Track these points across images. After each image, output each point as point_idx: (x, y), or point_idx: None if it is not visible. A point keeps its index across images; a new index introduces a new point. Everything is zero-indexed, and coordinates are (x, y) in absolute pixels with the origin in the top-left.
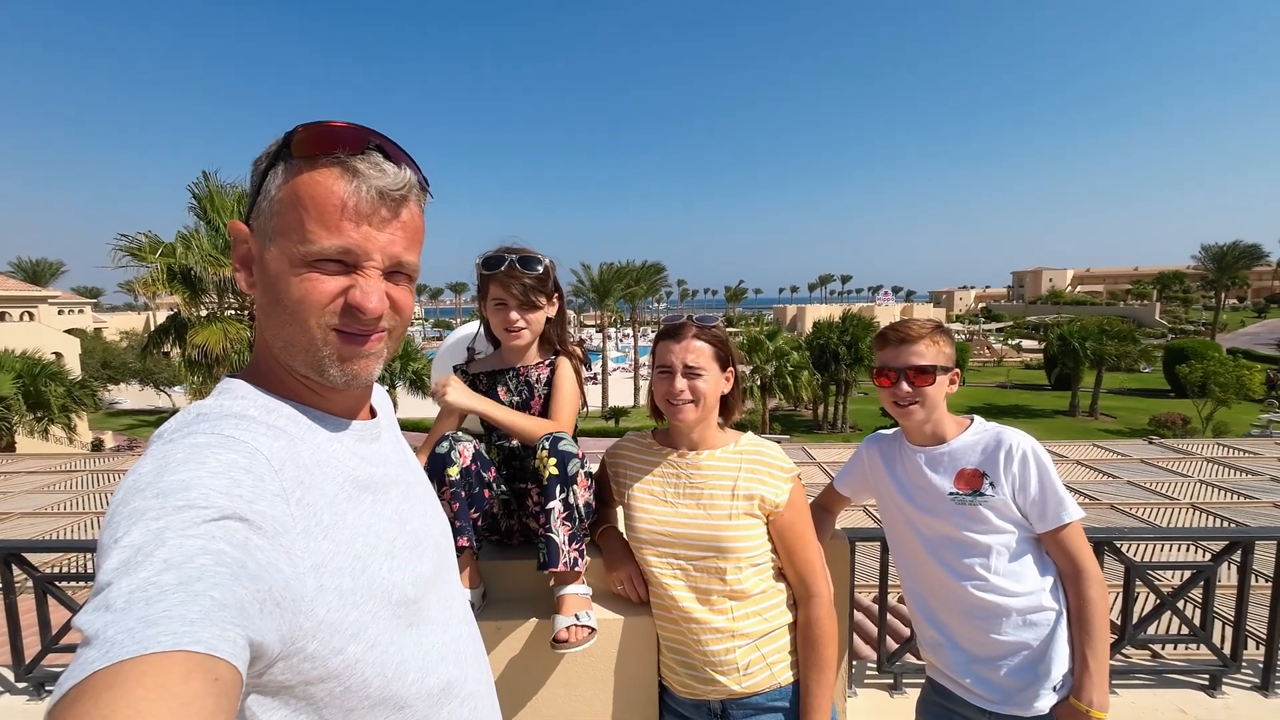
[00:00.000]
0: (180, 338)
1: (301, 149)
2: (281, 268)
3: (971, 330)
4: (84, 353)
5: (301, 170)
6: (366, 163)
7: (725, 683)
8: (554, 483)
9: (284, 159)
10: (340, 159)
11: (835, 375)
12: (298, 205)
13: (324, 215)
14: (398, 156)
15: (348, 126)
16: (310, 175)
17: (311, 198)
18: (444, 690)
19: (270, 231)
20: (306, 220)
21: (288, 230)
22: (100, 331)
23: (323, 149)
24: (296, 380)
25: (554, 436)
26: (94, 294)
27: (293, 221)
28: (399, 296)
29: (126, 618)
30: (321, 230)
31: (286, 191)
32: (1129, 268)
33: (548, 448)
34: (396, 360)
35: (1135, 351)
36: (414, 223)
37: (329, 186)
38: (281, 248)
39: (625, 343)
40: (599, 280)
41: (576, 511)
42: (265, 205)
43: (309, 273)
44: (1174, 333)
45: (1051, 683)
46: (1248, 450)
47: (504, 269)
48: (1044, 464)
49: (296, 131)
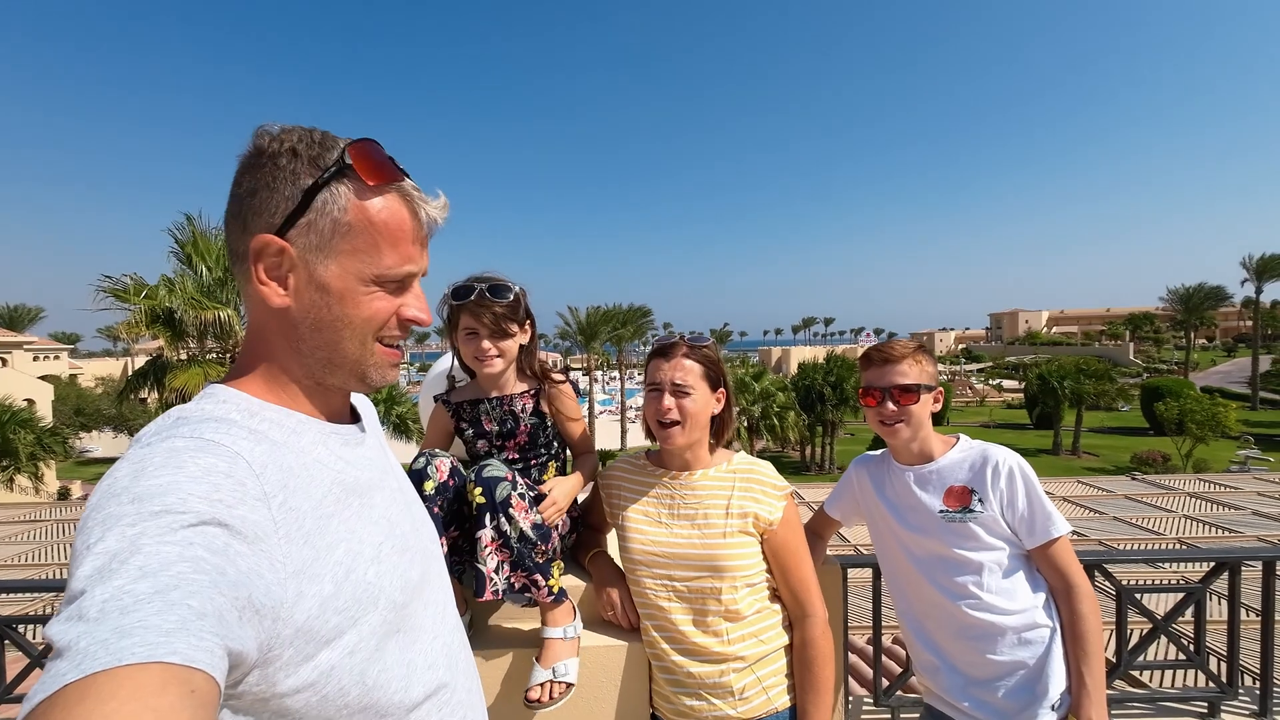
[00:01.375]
0: (159, 381)
1: (375, 176)
2: (347, 286)
3: (953, 371)
4: (57, 399)
5: (370, 195)
6: (415, 190)
7: (721, 707)
8: (482, 511)
9: (348, 181)
10: (403, 189)
11: (821, 416)
12: (371, 230)
13: (397, 241)
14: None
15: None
16: (383, 201)
17: (385, 224)
18: (429, 698)
19: (332, 249)
20: (381, 244)
21: (357, 251)
22: (75, 378)
23: (392, 178)
24: (283, 385)
25: (480, 465)
26: (71, 340)
27: (364, 244)
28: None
29: (100, 628)
30: (394, 254)
31: (357, 215)
32: (1101, 309)
33: (473, 479)
34: (380, 403)
35: (1113, 390)
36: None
37: (401, 215)
38: (347, 267)
39: (612, 385)
40: (585, 323)
41: (512, 539)
42: (324, 223)
43: (377, 291)
44: (1148, 371)
45: (1049, 701)
46: (1229, 485)
47: (474, 298)
48: (1030, 480)
49: (357, 155)
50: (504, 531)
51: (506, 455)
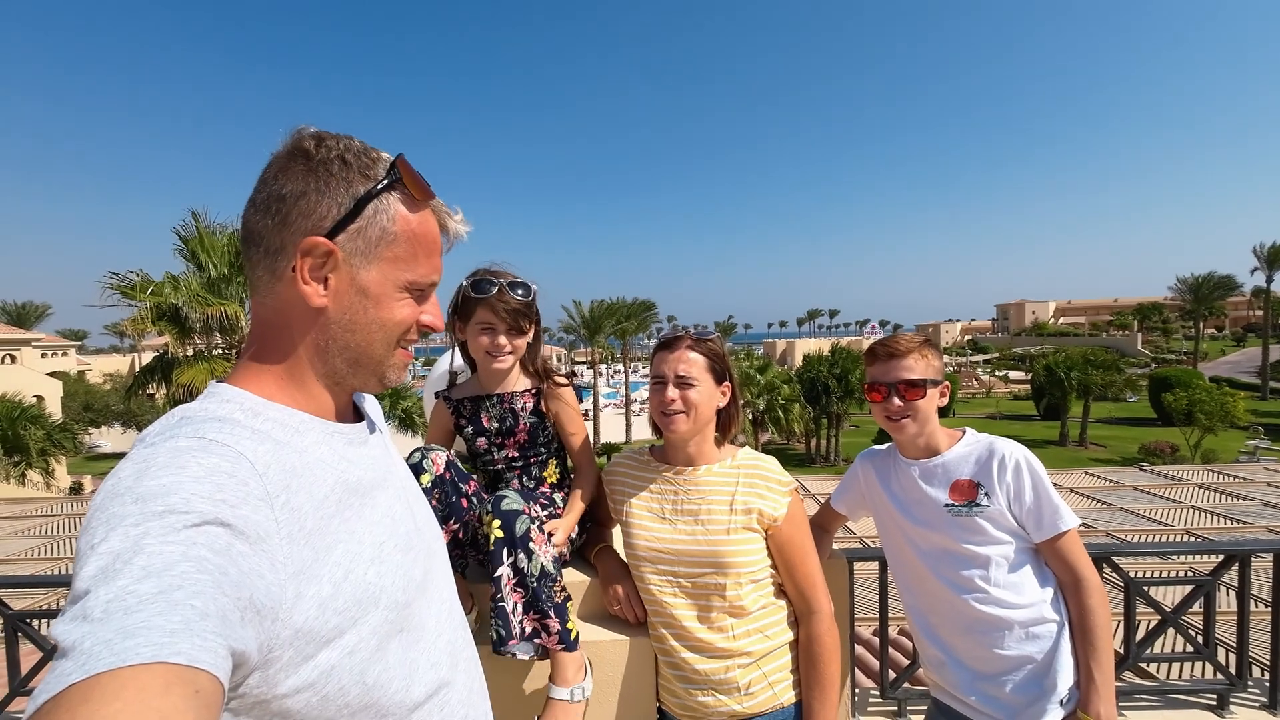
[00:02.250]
0: (166, 377)
1: (421, 193)
2: (385, 291)
3: (959, 362)
4: (66, 395)
5: (416, 209)
6: (445, 209)
7: (727, 703)
8: (500, 546)
9: (398, 194)
10: (436, 205)
11: (826, 408)
12: (413, 240)
13: (431, 253)
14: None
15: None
16: (425, 217)
17: (424, 236)
18: (431, 698)
19: (376, 256)
20: (419, 254)
21: (399, 259)
22: (84, 374)
23: (429, 195)
24: (285, 383)
25: (497, 495)
26: (79, 336)
27: (406, 253)
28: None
29: (104, 628)
30: (427, 265)
31: (404, 227)
32: (1109, 299)
33: (490, 509)
34: (385, 398)
35: (1120, 381)
36: None
37: (435, 229)
38: (386, 273)
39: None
40: (590, 317)
41: (530, 577)
42: (373, 231)
43: (407, 297)
44: (1156, 362)
45: (1058, 696)
46: (1237, 476)
47: (495, 293)
48: (1038, 473)
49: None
50: (520, 569)
51: (506, 453)
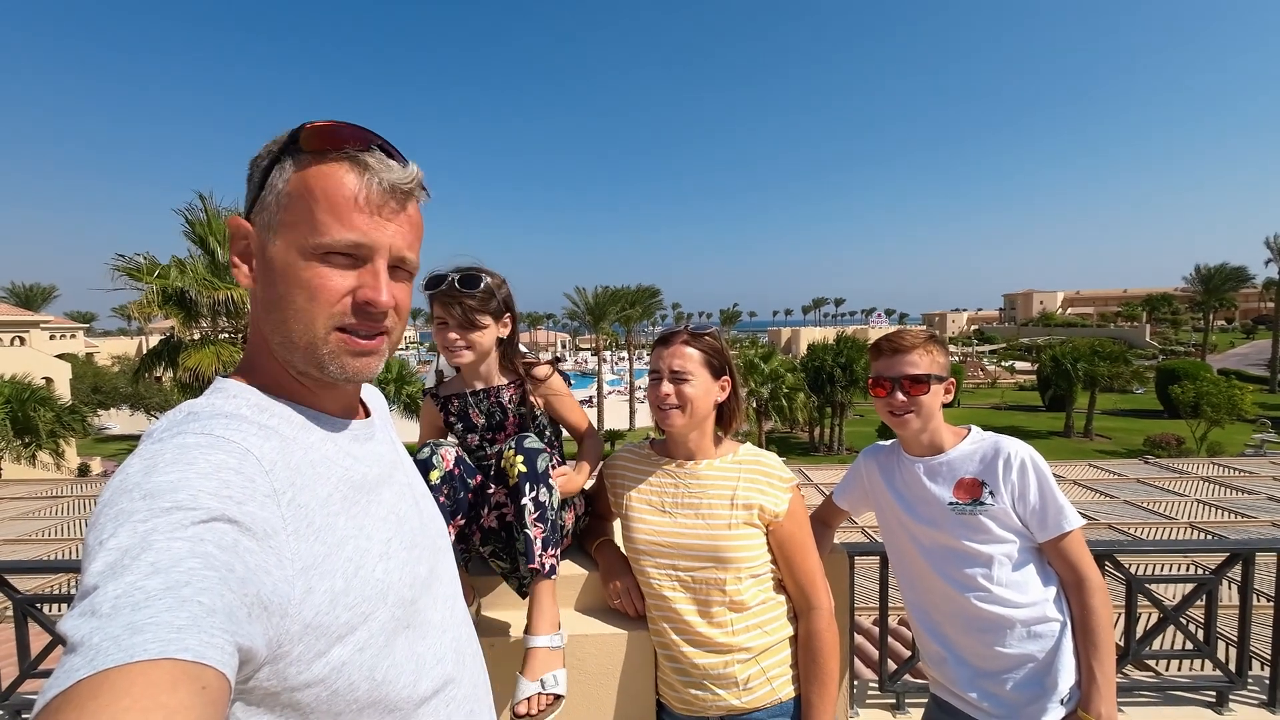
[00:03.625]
0: (173, 361)
1: (312, 143)
2: (289, 260)
3: (965, 352)
4: (75, 378)
5: (311, 164)
6: (374, 158)
7: (725, 697)
8: (523, 480)
9: (291, 154)
10: (350, 154)
11: (830, 397)
12: (308, 197)
13: (336, 207)
14: (399, 156)
15: (353, 125)
16: (320, 169)
17: (324, 190)
18: (437, 693)
19: (276, 225)
20: (317, 211)
21: (296, 222)
22: (92, 356)
23: (333, 144)
24: (291, 379)
25: (520, 435)
26: (87, 319)
27: (302, 213)
28: (399, 294)
29: (112, 624)
30: (333, 221)
31: (295, 184)
32: (1118, 290)
33: (514, 447)
34: (390, 383)
35: (1127, 372)
36: (417, 220)
37: (340, 179)
38: (289, 240)
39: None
40: (594, 303)
41: (549, 511)
42: (271, 199)
43: (319, 265)
44: (1164, 354)
45: (1059, 695)
46: (1243, 469)
47: (444, 288)
48: (1043, 472)
49: (304, 128)
50: (542, 503)
51: (499, 446)
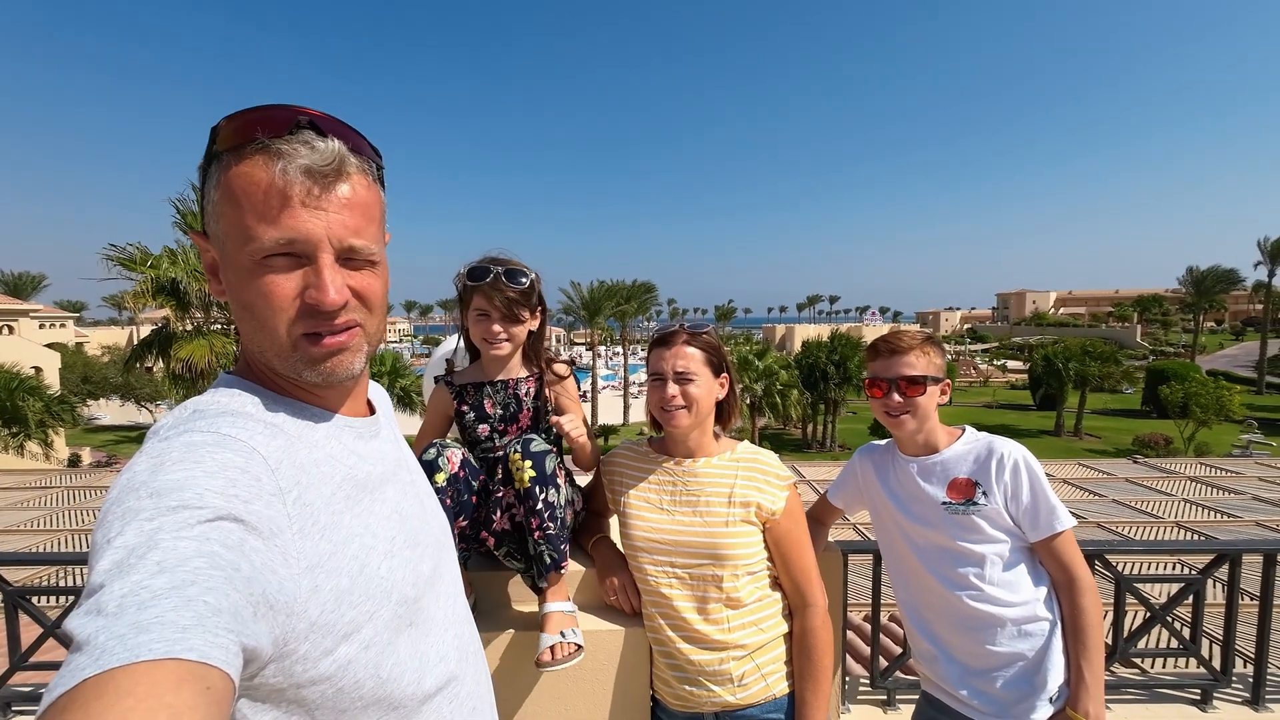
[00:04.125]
0: (164, 351)
1: (225, 142)
2: (237, 271)
3: (958, 351)
4: (64, 367)
5: (230, 164)
6: (293, 142)
7: (720, 694)
8: (534, 484)
9: (215, 157)
10: (263, 143)
11: (824, 394)
12: (232, 202)
13: (255, 206)
14: (330, 129)
15: (269, 107)
16: (237, 168)
17: (243, 191)
18: (441, 690)
19: (221, 236)
20: (243, 216)
21: (231, 232)
22: (82, 346)
23: (244, 136)
24: (286, 379)
25: (524, 438)
26: (77, 308)
27: (232, 220)
28: (362, 284)
29: (118, 623)
30: (258, 223)
31: (221, 190)
32: (1110, 290)
33: (520, 449)
34: (384, 376)
35: (1118, 372)
36: (360, 199)
37: (253, 175)
38: (232, 251)
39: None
40: (589, 298)
41: (558, 510)
42: (210, 209)
43: (264, 274)
44: (1154, 354)
45: (1048, 694)
46: (1230, 470)
47: (489, 281)
48: (1035, 473)
49: (220, 124)
50: (551, 503)
51: (509, 438)
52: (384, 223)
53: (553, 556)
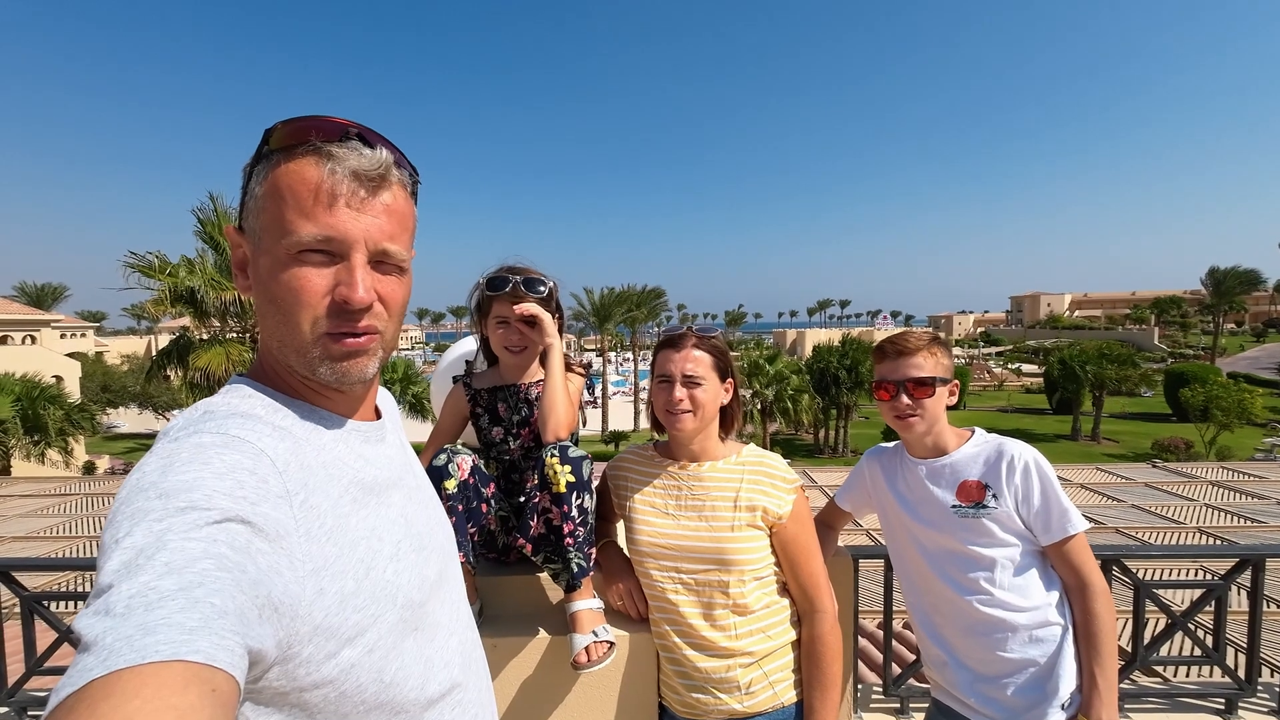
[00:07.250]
0: (182, 360)
1: (278, 141)
2: (272, 263)
3: (971, 354)
4: (84, 376)
5: (279, 163)
6: (343, 148)
7: (727, 702)
8: (571, 490)
9: (265, 156)
10: (315, 146)
11: (835, 399)
12: (276, 197)
13: (300, 202)
14: (377, 143)
15: (325, 118)
16: (287, 166)
17: (288, 186)
18: (445, 696)
19: (258, 230)
20: (286, 210)
21: (271, 225)
22: (102, 355)
23: (298, 138)
24: (298, 379)
25: (562, 444)
26: (97, 318)
27: (274, 215)
28: (387, 290)
29: (125, 624)
30: (300, 219)
31: (267, 186)
32: (1126, 292)
33: (558, 455)
34: (396, 383)
35: (1136, 375)
36: (399, 208)
37: (302, 173)
38: (267, 244)
39: (625, 367)
40: (599, 304)
41: (589, 515)
42: (251, 204)
43: (296, 267)
44: (1173, 357)
45: (1059, 701)
46: (1253, 474)
47: (509, 290)
48: (1046, 475)
49: (274, 127)
50: (585, 509)
51: (522, 442)
52: (414, 236)
53: (581, 564)
